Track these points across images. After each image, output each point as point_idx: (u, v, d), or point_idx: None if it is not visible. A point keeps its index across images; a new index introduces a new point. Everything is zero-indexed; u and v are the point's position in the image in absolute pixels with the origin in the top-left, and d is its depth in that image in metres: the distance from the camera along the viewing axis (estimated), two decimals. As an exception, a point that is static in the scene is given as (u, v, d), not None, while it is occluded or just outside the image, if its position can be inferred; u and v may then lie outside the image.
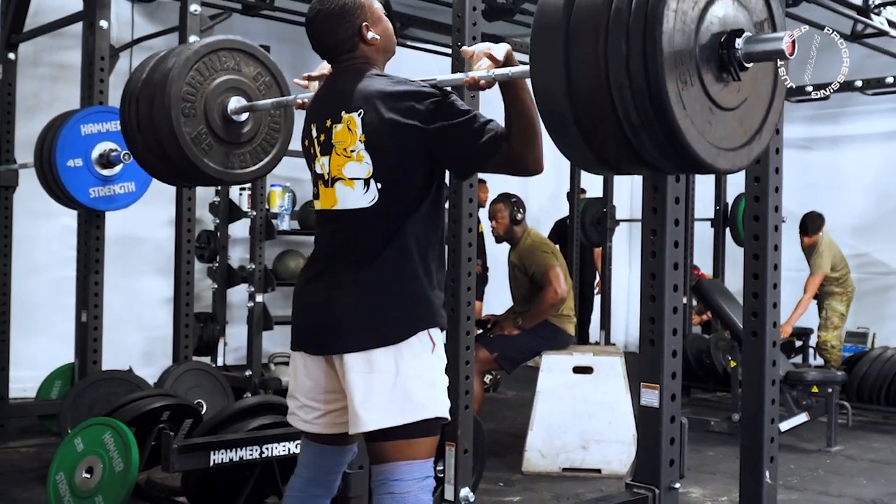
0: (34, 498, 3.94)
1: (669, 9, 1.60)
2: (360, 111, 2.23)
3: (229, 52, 3.01)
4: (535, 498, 4.25)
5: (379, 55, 2.40)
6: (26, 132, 5.10)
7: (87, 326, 4.59)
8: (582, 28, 1.67)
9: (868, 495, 4.37)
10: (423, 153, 2.21)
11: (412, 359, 2.21)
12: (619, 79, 1.62)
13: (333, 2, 2.32)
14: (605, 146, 1.73)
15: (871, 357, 6.38)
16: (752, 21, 1.78)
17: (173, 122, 2.82)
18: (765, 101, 1.86)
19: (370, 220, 2.22)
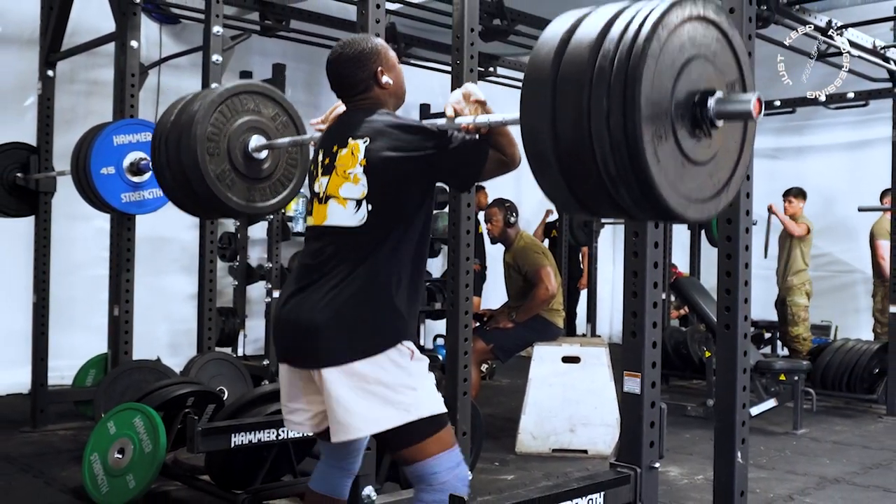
0: (71, 476, 3.94)
1: (648, 69, 1.60)
2: (365, 139, 2.22)
3: (249, 94, 3.02)
4: (527, 476, 4.25)
5: (390, 99, 2.40)
6: (63, 143, 5.10)
7: (119, 320, 4.59)
8: (568, 83, 1.66)
9: (831, 474, 4.37)
10: (418, 184, 2.21)
11: (392, 367, 2.17)
12: (600, 132, 1.62)
13: (353, 46, 2.34)
14: (586, 193, 1.73)
15: (834, 348, 6.39)
16: (724, 81, 1.78)
17: (199, 160, 2.82)
18: (734, 155, 1.85)
19: (355, 240, 2.19)
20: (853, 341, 6.46)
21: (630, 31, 1.63)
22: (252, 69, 7.09)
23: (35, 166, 5.11)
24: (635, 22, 1.64)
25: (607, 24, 1.67)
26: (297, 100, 7.54)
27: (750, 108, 1.69)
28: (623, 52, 1.61)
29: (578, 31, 1.71)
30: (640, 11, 1.66)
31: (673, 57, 1.66)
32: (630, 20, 1.65)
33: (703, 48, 1.74)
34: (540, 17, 6.01)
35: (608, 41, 1.64)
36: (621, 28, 1.64)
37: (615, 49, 1.62)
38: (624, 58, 1.61)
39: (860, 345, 6.33)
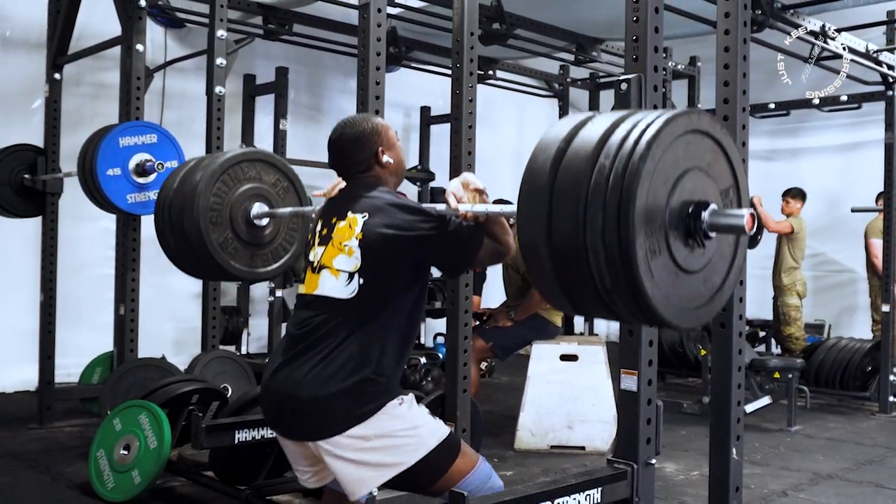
0: (77, 472, 3.94)
1: (643, 188, 1.60)
2: (364, 214, 2.23)
3: (251, 162, 3.02)
4: (525, 472, 4.25)
5: (390, 177, 2.40)
6: (70, 144, 5.10)
7: (125, 318, 4.59)
8: (564, 195, 1.67)
9: (824, 470, 4.37)
10: (412, 263, 2.21)
11: (387, 420, 2.17)
12: (595, 246, 1.62)
13: (355, 127, 2.35)
14: (582, 301, 1.74)
15: (827, 346, 6.39)
16: (718, 188, 1.78)
17: (202, 231, 2.84)
18: (727, 259, 1.84)
19: (344, 312, 2.18)
20: (846, 340, 6.47)
21: (626, 147, 1.63)
22: (255, 72, 7.10)
23: (42, 167, 5.11)
24: (631, 138, 1.64)
25: (603, 137, 1.67)
26: (299, 102, 7.62)
27: (743, 224, 1.68)
28: (619, 170, 1.61)
29: (575, 141, 1.71)
30: (637, 126, 1.66)
31: (667, 173, 1.66)
32: (626, 135, 1.65)
33: (698, 159, 1.74)
34: (538, 21, 6.02)
35: (604, 156, 1.64)
36: (617, 143, 1.64)
37: (611, 165, 1.62)
38: (619, 176, 1.61)
39: (853, 343, 6.34)
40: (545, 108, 9.03)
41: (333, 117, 7.81)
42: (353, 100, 3.37)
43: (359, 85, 3.22)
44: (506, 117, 8.95)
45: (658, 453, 2.40)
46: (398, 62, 6.77)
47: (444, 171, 6.65)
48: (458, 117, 3.39)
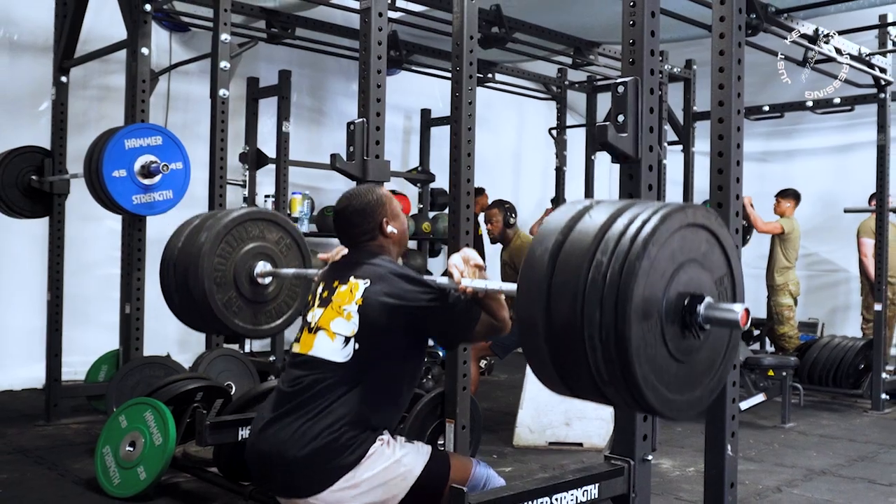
0: (84, 468, 3.94)
1: (639, 285, 1.61)
2: (367, 280, 2.24)
3: (254, 221, 3.04)
4: (524, 468, 4.25)
5: (394, 246, 2.43)
6: (76, 146, 5.10)
7: (130, 317, 4.59)
8: (562, 290, 1.68)
9: (818, 466, 4.37)
10: (410, 333, 2.21)
11: (372, 463, 2.17)
12: (593, 341, 1.63)
13: (360, 199, 2.37)
14: (579, 388, 1.76)
15: (821, 344, 6.39)
16: (713, 277, 1.79)
17: (207, 293, 2.87)
18: (720, 351, 1.84)
19: (338, 374, 2.18)
20: (839, 338, 6.46)
21: (623, 244, 1.63)
22: (259, 75, 7.10)
23: (49, 169, 5.11)
24: (628, 235, 1.64)
25: (601, 232, 1.68)
26: (301, 104, 7.62)
27: (737, 318, 1.70)
28: (615, 268, 1.62)
29: (573, 235, 1.72)
30: (634, 222, 1.66)
31: (664, 268, 1.67)
32: (623, 231, 1.66)
33: (694, 251, 1.75)
34: (537, 25, 6.02)
35: (601, 252, 1.65)
36: (615, 238, 1.65)
37: (608, 263, 1.63)
38: (616, 273, 1.62)
39: (846, 342, 6.33)
40: (543, 110, 9.03)
41: (335, 119, 7.82)
42: (354, 102, 3.37)
43: (360, 87, 3.22)
44: (505, 119, 8.95)
45: (654, 450, 2.40)
46: (399, 65, 6.77)
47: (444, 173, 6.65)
48: (458, 119, 3.39)
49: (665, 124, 6.76)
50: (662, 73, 6.65)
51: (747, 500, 3.69)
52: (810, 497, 3.80)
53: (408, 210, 7.96)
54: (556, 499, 2.13)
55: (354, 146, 3.09)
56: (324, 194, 7.59)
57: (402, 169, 8.20)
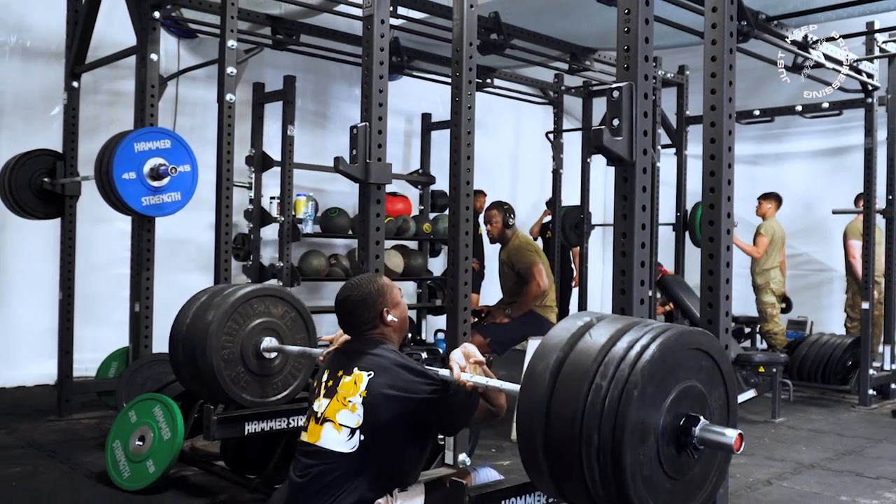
0: (95, 462, 3.94)
1: (637, 412, 1.62)
2: (370, 372, 2.25)
3: (260, 298, 3.07)
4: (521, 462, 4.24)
5: (395, 334, 2.44)
6: (87, 149, 5.10)
7: (140, 316, 4.59)
8: (562, 408, 1.69)
9: (807, 460, 4.37)
10: (412, 421, 2.22)
11: None
12: (590, 460, 1.64)
13: (361, 290, 2.39)
14: (575, 499, 1.76)
15: (810, 342, 6.40)
16: (709, 397, 1.80)
17: (215, 371, 2.91)
18: (713, 468, 1.86)
19: (345, 465, 2.20)
20: (828, 335, 6.47)
21: (622, 370, 1.64)
22: (264, 81, 7.10)
23: (61, 172, 5.12)
24: (627, 361, 1.65)
25: (601, 353, 1.69)
26: (306, 109, 7.62)
27: (731, 443, 1.72)
28: (614, 395, 1.63)
29: (573, 355, 1.73)
30: (633, 348, 1.67)
31: (661, 392, 1.68)
32: (623, 357, 1.66)
33: (691, 374, 1.76)
34: (534, 31, 6.02)
35: (601, 375, 1.66)
36: (615, 363, 1.66)
37: (607, 388, 1.64)
38: (615, 400, 1.62)
39: (834, 339, 6.34)
40: (540, 114, 9.03)
41: (339, 123, 7.82)
42: (357, 107, 3.36)
43: (363, 92, 3.22)
44: (503, 123, 8.95)
45: (648, 444, 2.39)
46: (400, 71, 6.77)
47: (444, 175, 6.65)
48: (458, 123, 3.39)
49: (659, 128, 6.77)
50: (656, 79, 6.64)
51: (739, 493, 3.70)
52: (800, 490, 3.81)
53: (409, 211, 7.95)
54: (553, 491, 2.13)
55: (357, 149, 3.09)
56: (328, 196, 7.59)
57: (403, 171, 8.20)
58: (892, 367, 6.29)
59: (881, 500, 3.64)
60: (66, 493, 3.52)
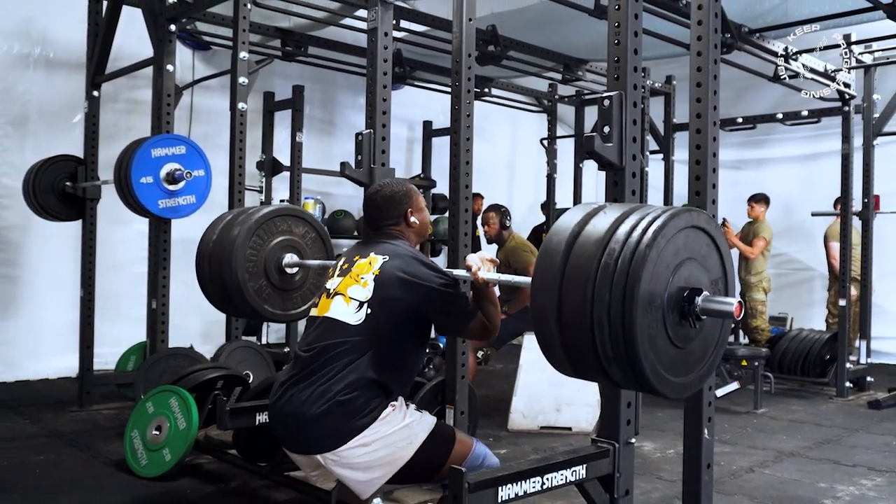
0: (114, 450, 3.95)
1: (647, 271, 1.65)
2: (385, 256, 2.26)
3: (282, 217, 3.07)
4: (518, 451, 4.25)
5: (414, 236, 2.44)
6: (107, 155, 5.10)
7: (157, 312, 4.59)
8: (576, 273, 1.72)
9: (787, 448, 4.37)
10: (417, 308, 2.22)
11: (382, 426, 2.17)
12: (601, 320, 1.67)
13: (391, 187, 2.40)
14: (583, 366, 1.79)
15: (790, 337, 6.39)
16: (709, 279, 1.83)
17: (240, 282, 2.90)
18: (713, 341, 1.89)
19: (349, 336, 2.19)
20: (807, 331, 6.46)
21: (634, 236, 1.68)
22: (274, 90, 7.10)
23: (82, 176, 5.12)
24: (639, 228, 1.69)
25: (614, 225, 1.73)
26: (313, 117, 7.62)
27: (731, 310, 1.75)
28: (627, 255, 1.67)
29: (587, 228, 1.77)
30: (644, 219, 1.71)
31: (668, 260, 1.72)
32: (635, 225, 1.71)
33: (695, 252, 1.79)
34: (529, 43, 6.02)
35: (614, 241, 1.70)
36: (626, 231, 1.70)
37: (620, 250, 1.68)
38: (627, 260, 1.66)
39: (813, 334, 6.34)
40: (535, 122, 9.03)
41: (345, 130, 7.82)
42: (362, 115, 3.36)
43: (367, 101, 3.22)
44: (500, 130, 8.95)
45: (637, 433, 2.40)
46: (403, 81, 6.77)
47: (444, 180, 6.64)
48: (457, 130, 3.39)
49: (647, 135, 6.76)
50: (645, 88, 6.64)
51: (723, 480, 3.70)
52: (780, 477, 3.80)
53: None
54: (548, 478, 2.13)
55: (362, 155, 3.09)
56: (334, 199, 7.60)
57: (405, 176, 8.20)
58: (867, 360, 6.30)
59: (857, 487, 3.64)
60: (87, 480, 3.52)
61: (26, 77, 5.99)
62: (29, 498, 3.26)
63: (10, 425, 4.52)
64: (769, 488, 3.60)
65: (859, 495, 3.52)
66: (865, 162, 6.28)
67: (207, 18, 5.25)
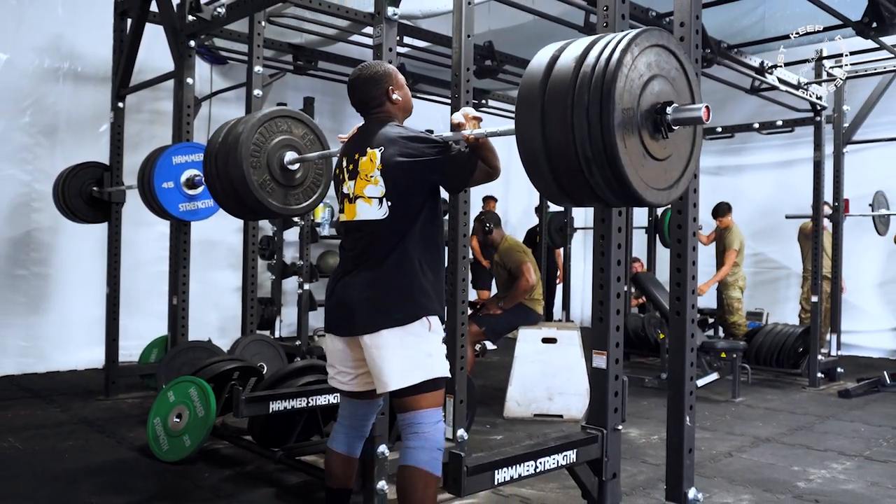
0: (137, 437, 3.95)
1: (619, 84, 1.66)
2: (381, 148, 2.27)
3: (283, 118, 3.05)
4: (513, 436, 4.25)
5: (399, 113, 2.44)
6: (131, 162, 5.10)
7: (177, 308, 4.59)
8: (554, 100, 1.73)
9: (763, 434, 4.37)
10: (423, 181, 2.25)
11: (414, 337, 2.22)
12: (582, 135, 1.67)
13: (370, 69, 2.40)
14: (569, 183, 1.78)
15: (766, 331, 6.39)
16: (679, 101, 1.84)
17: (245, 173, 2.87)
18: (684, 159, 1.90)
19: (382, 230, 2.24)
20: (782, 325, 6.46)
21: (604, 54, 1.69)
22: (287, 101, 7.10)
23: (108, 181, 5.12)
24: (609, 47, 1.70)
25: (585, 51, 1.74)
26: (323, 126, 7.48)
27: (700, 115, 1.76)
28: (599, 71, 1.68)
29: (561, 58, 1.78)
30: (614, 39, 1.73)
31: (640, 73, 1.72)
32: (604, 46, 1.72)
33: (664, 71, 1.81)
34: (524, 58, 6.02)
35: (586, 66, 1.71)
36: (597, 53, 1.72)
37: (592, 70, 1.69)
38: (600, 75, 1.67)
39: (787, 328, 6.33)
40: (529, 131, 9.03)
41: (352, 139, 7.82)
42: (368, 124, 3.36)
43: (373, 112, 3.21)
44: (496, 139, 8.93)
45: (624, 420, 2.40)
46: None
47: (444, 184, 6.64)
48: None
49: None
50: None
51: (703, 464, 3.69)
52: (757, 461, 3.80)
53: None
54: (541, 462, 2.13)
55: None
56: (342, 203, 7.59)
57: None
58: (837, 353, 6.30)
59: (828, 470, 3.64)
60: (112, 464, 3.52)
61: (56, 89, 6.00)
62: (59, 480, 3.26)
63: (41, 413, 4.52)
64: (746, 471, 3.60)
65: (830, 478, 3.51)
66: (836, 168, 6.28)
67: (224, 35, 5.25)
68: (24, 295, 5.85)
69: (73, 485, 3.20)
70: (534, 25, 5.26)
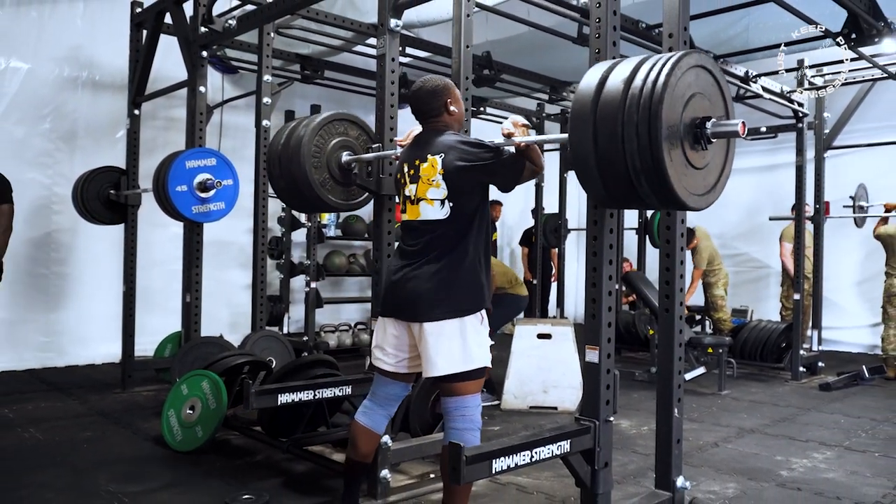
0: (152, 428, 3.95)
1: (666, 103, 1.80)
2: (441, 154, 2.36)
3: (340, 121, 3.11)
4: (510, 427, 4.25)
5: (455, 123, 2.52)
6: (147, 166, 5.10)
7: (190, 305, 4.59)
8: (605, 117, 1.88)
9: (748, 425, 4.37)
10: (479, 184, 2.36)
11: (471, 328, 2.32)
12: (631, 148, 1.81)
13: (432, 82, 2.49)
14: (617, 190, 1.92)
15: (750, 327, 6.39)
16: (715, 114, 1.95)
17: (307, 173, 2.94)
18: (720, 166, 2.04)
19: (443, 229, 2.34)
20: (765, 322, 6.46)
21: (651, 76, 1.83)
22: (294, 109, 7.09)
23: (125, 185, 5.12)
24: (655, 69, 1.84)
25: (632, 73, 1.88)
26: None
27: (737, 129, 1.90)
28: (647, 92, 1.82)
29: (610, 79, 1.91)
30: (659, 61, 1.85)
31: (682, 92, 1.85)
32: (651, 68, 1.85)
33: (702, 88, 1.93)
34: (520, 68, 6.02)
35: (634, 87, 1.84)
36: (644, 74, 1.85)
37: (640, 91, 1.83)
38: (648, 96, 1.81)
39: (771, 325, 6.34)
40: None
41: (356, 145, 7.80)
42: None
43: (377, 119, 3.21)
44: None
45: (615, 412, 2.39)
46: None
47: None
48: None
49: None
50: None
51: (691, 453, 3.70)
52: (742, 451, 3.81)
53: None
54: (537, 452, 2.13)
55: (372, 166, 3.09)
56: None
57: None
58: (818, 348, 6.30)
59: (810, 460, 3.64)
60: (128, 453, 3.52)
61: (75, 97, 6.00)
62: (78, 469, 3.26)
63: (60, 405, 4.52)
64: (732, 461, 3.60)
65: (811, 467, 3.51)
66: (817, 172, 6.28)
67: (235, 46, 5.25)
68: (44, 293, 5.85)
69: (90, 473, 3.20)
70: (529, 36, 5.26)
